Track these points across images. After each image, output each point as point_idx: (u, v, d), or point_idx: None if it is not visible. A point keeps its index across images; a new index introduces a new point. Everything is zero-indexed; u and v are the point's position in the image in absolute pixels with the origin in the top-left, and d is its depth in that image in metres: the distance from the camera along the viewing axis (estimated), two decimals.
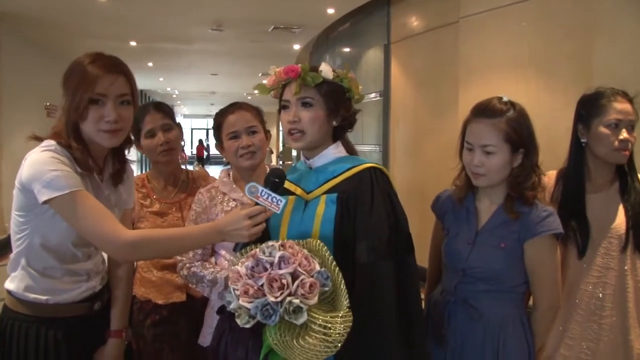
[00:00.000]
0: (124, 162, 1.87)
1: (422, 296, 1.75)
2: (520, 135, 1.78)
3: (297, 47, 9.98)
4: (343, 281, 1.44)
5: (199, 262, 2.13)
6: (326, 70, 1.70)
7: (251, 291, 1.36)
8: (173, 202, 2.42)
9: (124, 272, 1.94)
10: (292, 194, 1.76)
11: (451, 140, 2.00)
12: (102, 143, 1.71)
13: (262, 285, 1.36)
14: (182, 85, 18.28)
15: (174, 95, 21.68)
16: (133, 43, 9.70)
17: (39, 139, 1.70)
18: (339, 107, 1.73)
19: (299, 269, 1.38)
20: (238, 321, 1.40)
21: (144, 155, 2.43)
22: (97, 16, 7.57)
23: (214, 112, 2.29)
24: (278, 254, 1.39)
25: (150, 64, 12.45)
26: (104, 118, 1.66)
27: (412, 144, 6.23)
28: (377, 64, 6.88)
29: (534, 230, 1.77)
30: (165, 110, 2.42)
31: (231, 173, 2.25)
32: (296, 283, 1.36)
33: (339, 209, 1.65)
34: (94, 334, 1.85)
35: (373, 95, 6.94)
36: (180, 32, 8.70)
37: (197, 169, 2.60)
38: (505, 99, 1.82)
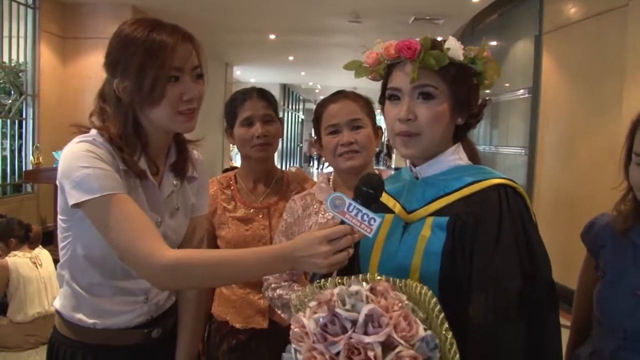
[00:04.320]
0: (186, 151, 1.52)
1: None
2: None
3: (440, 40, 9.42)
4: (457, 355, 0.96)
5: (286, 283, 1.79)
6: (455, 47, 1.23)
7: None
8: (261, 207, 2.07)
9: (195, 293, 1.60)
10: (390, 211, 1.32)
11: (611, 144, 1.48)
12: (179, 129, 1.40)
13: (337, 354, 0.92)
14: (324, 80, 18.31)
15: (317, 90, 21.82)
16: (272, 36, 9.70)
17: (82, 129, 1.40)
18: (470, 100, 1.27)
19: (394, 336, 0.92)
20: None
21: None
22: (236, 9, 7.61)
23: None
24: (365, 308, 0.93)
25: (290, 58, 12.50)
26: (182, 97, 1.33)
27: (563, 147, 5.52)
28: (526, 58, 6.23)
29: None
30: (269, 100, 2.09)
31: (332, 178, 1.87)
32: (389, 358, 0.90)
33: (450, 240, 1.19)
34: None
35: (521, 92, 6.34)
36: (318, 23, 8.53)
37: (293, 169, 2.23)
38: None
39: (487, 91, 1.36)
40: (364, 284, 1.02)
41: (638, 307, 1.33)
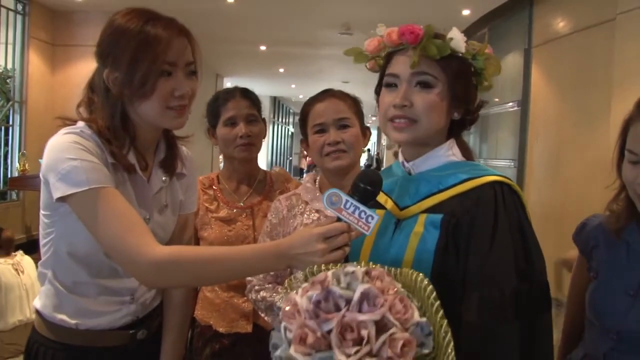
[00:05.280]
0: (175, 147, 1.48)
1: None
2: None
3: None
4: (452, 343, 0.93)
5: (270, 285, 1.75)
6: (458, 38, 1.21)
7: (311, 338, 0.88)
8: (244, 207, 2.04)
9: (181, 295, 1.56)
10: (381, 207, 1.29)
11: (600, 156, 1.46)
12: (168, 125, 1.36)
13: (329, 332, 0.88)
14: (314, 93, 18.28)
15: None
16: (263, 47, 9.70)
17: (68, 122, 1.36)
18: (467, 95, 1.26)
19: (389, 316, 0.89)
20: None
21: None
22: (226, 19, 7.61)
23: None
24: (361, 287, 0.90)
25: (281, 70, 12.52)
26: (174, 92, 1.30)
27: (553, 159, 5.53)
28: (516, 71, 6.25)
29: None
30: (253, 99, 2.07)
31: (318, 178, 1.84)
32: (382, 338, 0.87)
33: (443, 238, 1.16)
34: None
35: (510, 105, 6.35)
36: (309, 35, 8.56)
37: (276, 169, 2.20)
38: None
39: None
40: (359, 267, 0.99)
41: (631, 306, 1.30)
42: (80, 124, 1.32)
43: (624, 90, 4.17)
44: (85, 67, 8.14)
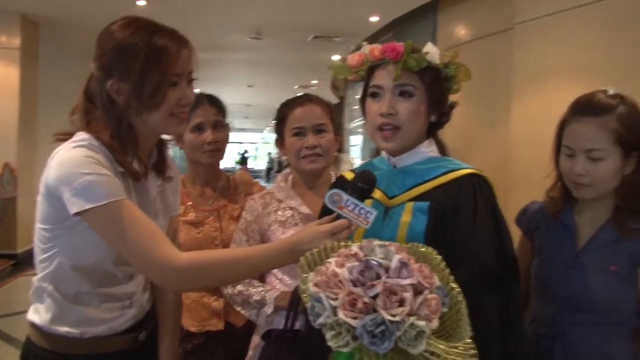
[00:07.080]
0: (166, 151, 1.54)
1: None
2: (634, 134, 1.48)
3: (336, 57, 9.74)
4: (464, 302, 1.10)
5: (246, 280, 1.85)
6: (433, 52, 1.41)
7: (360, 304, 1.00)
8: (211, 210, 2.11)
9: (173, 295, 1.63)
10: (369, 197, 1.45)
11: (501, 155, 1.71)
12: (172, 131, 1.42)
13: (374, 297, 1.00)
14: (219, 98, 18.16)
15: None
16: None
17: (66, 136, 1.35)
18: (442, 99, 1.45)
19: (422, 281, 1.03)
20: (331, 343, 1.02)
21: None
22: None
23: (248, 126, 1.98)
24: (396, 257, 1.04)
25: None
26: (180, 101, 1.34)
27: (457, 158, 5.88)
28: None
29: None
30: (219, 106, 2.14)
31: (290, 177, 1.96)
32: (420, 299, 1.01)
33: (431, 222, 1.35)
34: None
35: None
36: (220, 39, 8.54)
37: (238, 173, 2.30)
38: (611, 91, 1.54)
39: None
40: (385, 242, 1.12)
41: (569, 276, 1.55)
42: (85, 135, 1.33)
43: (523, 95, 4.57)
44: None
